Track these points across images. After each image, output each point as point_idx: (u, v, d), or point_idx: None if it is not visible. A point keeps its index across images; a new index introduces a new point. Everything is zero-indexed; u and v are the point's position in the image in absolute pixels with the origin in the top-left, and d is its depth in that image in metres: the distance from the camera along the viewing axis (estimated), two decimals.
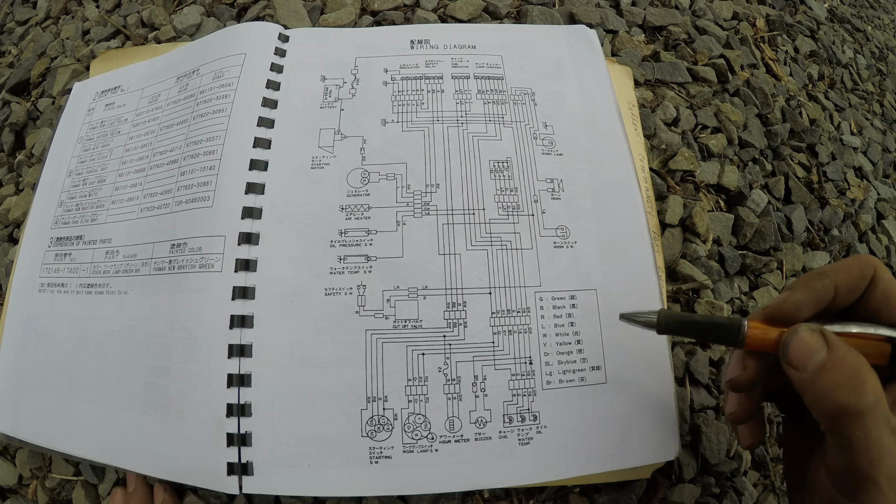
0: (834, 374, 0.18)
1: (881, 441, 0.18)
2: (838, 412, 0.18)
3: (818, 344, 0.19)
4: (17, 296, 0.32)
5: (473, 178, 0.29)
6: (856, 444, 0.18)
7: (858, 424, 0.18)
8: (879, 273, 0.20)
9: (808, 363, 0.19)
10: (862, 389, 0.18)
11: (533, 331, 0.27)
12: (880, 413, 0.18)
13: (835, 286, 0.20)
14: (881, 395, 0.18)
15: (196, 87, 0.32)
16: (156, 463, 0.26)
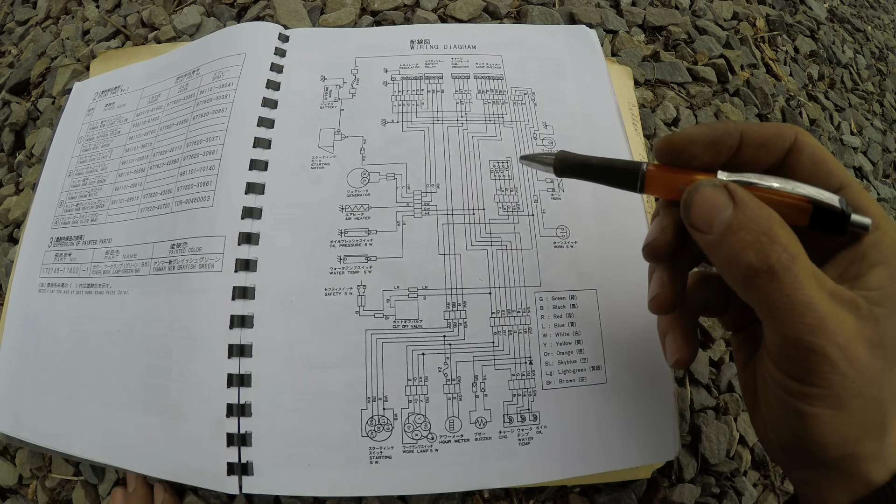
0: (741, 234, 0.16)
1: (813, 304, 0.16)
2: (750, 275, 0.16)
3: (722, 201, 0.17)
4: (17, 296, 0.32)
5: (473, 178, 0.29)
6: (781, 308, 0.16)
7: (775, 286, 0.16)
8: (803, 138, 0.18)
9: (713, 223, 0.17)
10: (772, 247, 0.16)
11: (533, 331, 0.27)
12: (801, 272, 0.16)
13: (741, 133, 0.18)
14: (799, 253, 0.16)
15: (196, 87, 0.32)
16: (156, 463, 0.26)
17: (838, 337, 0.16)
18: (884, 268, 0.17)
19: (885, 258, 0.17)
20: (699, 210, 0.17)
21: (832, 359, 0.16)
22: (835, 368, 0.16)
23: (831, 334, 0.16)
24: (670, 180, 0.19)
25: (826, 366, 0.16)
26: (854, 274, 0.17)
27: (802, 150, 0.18)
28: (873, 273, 0.17)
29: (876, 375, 0.16)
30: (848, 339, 0.16)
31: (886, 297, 0.17)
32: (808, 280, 0.16)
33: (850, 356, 0.16)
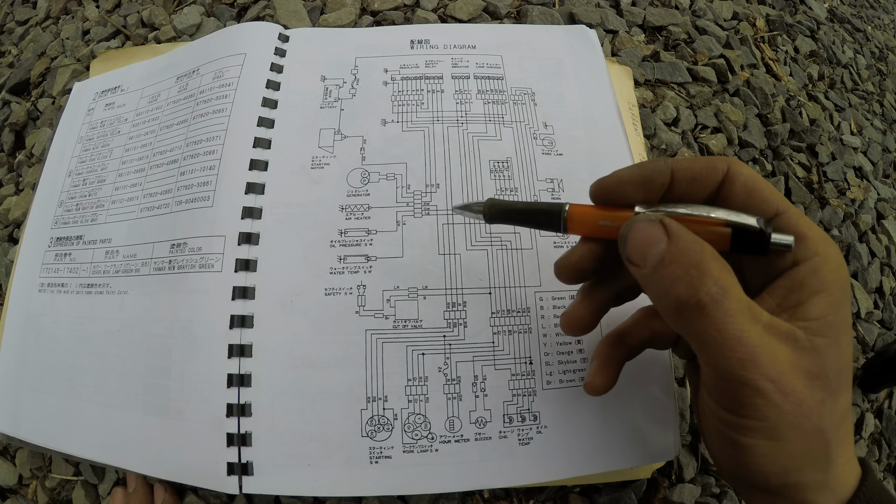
0: (672, 267, 0.16)
1: (744, 337, 0.16)
2: (680, 309, 0.16)
3: (657, 235, 0.17)
4: (17, 296, 0.32)
5: (473, 178, 0.29)
6: (711, 342, 0.16)
7: (705, 319, 0.16)
8: (736, 168, 0.18)
9: (647, 257, 0.17)
10: (702, 280, 0.16)
11: (533, 331, 0.27)
12: (732, 306, 0.16)
13: (672, 170, 0.19)
14: (731, 286, 0.16)
15: (196, 87, 0.32)
16: (156, 463, 0.26)
17: (771, 371, 0.16)
18: (824, 295, 0.17)
19: (825, 285, 0.17)
20: (634, 244, 0.17)
21: (765, 392, 0.16)
22: (768, 401, 0.16)
23: (763, 368, 0.16)
24: (591, 219, 0.20)
25: (759, 399, 0.16)
26: (794, 302, 0.17)
27: (735, 179, 0.18)
28: (813, 302, 0.17)
29: (815, 406, 0.16)
30: (782, 373, 0.16)
31: (827, 326, 0.17)
32: (740, 313, 0.16)
33: (784, 389, 0.16)
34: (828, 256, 0.17)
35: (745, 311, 0.16)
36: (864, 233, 0.41)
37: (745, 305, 0.16)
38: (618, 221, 0.19)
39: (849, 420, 0.18)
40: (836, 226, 0.39)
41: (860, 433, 0.36)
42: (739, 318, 0.16)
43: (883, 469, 0.37)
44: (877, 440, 0.37)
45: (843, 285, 0.17)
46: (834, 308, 0.17)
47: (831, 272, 0.17)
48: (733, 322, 0.16)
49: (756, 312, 0.17)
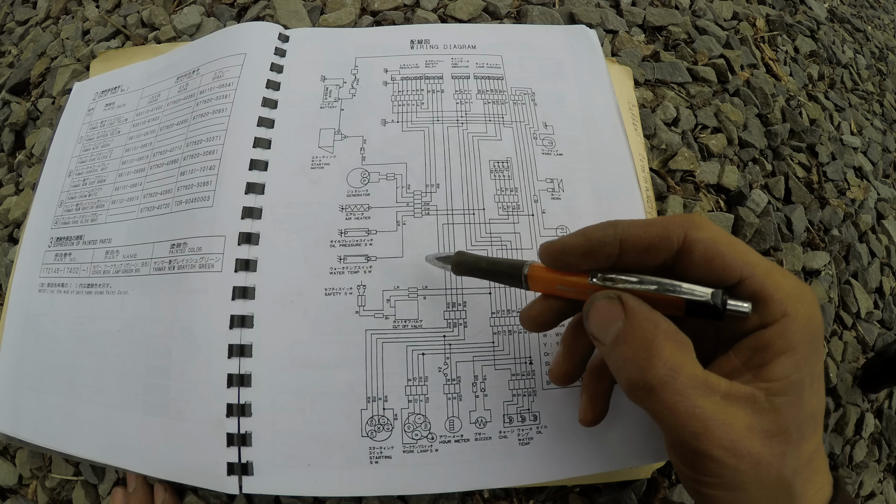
0: (625, 347, 0.17)
1: (696, 413, 0.16)
2: (631, 388, 0.17)
3: (615, 312, 0.17)
4: (17, 296, 0.32)
5: (473, 178, 0.29)
6: (664, 419, 0.17)
7: (655, 399, 0.16)
8: (694, 235, 0.18)
9: (607, 334, 0.17)
10: (650, 363, 0.16)
11: None
12: (683, 384, 0.16)
13: (620, 240, 0.18)
14: (683, 364, 0.17)
15: (196, 87, 0.32)
16: (156, 463, 0.26)
17: (724, 440, 0.16)
18: (789, 356, 0.17)
19: (791, 345, 0.17)
20: (595, 322, 0.18)
21: (719, 459, 0.16)
22: (722, 466, 0.16)
23: (716, 439, 0.16)
24: (548, 283, 0.20)
25: (713, 464, 0.17)
26: (759, 362, 0.17)
27: (693, 248, 0.18)
28: (778, 362, 0.17)
29: (775, 460, 0.17)
30: (736, 439, 0.16)
31: (790, 385, 0.17)
32: (693, 390, 0.16)
33: (739, 453, 0.16)
34: (796, 315, 0.17)
35: (699, 387, 0.17)
36: (864, 233, 0.41)
37: (700, 381, 0.17)
38: (573, 287, 0.20)
39: (818, 455, 0.18)
40: (836, 226, 0.39)
41: (860, 433, 0.36)
42: (692, 395, 0.16)
43: (883, 469, 0.37)
44: (877, 440, 0.37)
45: (812, 339, 0.17)
46: (798, 367, 0.17)
47: (798, 331, 0.17)
48: (684, 400, 0.16)
49: (713, 384, 0.17)
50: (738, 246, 0.18)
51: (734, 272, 0.18)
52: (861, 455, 0.35)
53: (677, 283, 0.18)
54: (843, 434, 0.35)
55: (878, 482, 0.36)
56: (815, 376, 0.18)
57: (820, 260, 0.37)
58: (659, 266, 0.19)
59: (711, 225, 0.18)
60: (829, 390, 0.35)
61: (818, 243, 0.38)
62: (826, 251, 0.37)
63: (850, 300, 0.38)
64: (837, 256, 0.38)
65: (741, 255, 0.18)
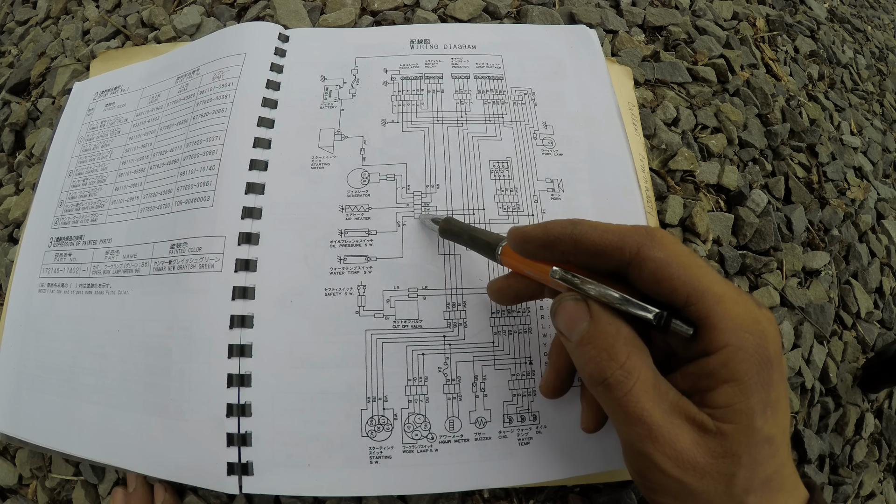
0: (588, 348, 0.18)
1: (645, 416, 0.17)
2: (591, 384, 0.18)
3: (581, 314, 0.19)
4: (17, 296, 0.32)
5: (473, 179, 0.29)
6: (616, 417, 0.18)
7: (609, 396, 0.18)
8: (647, 252, 0.18)
9: (572, 332, 0.19)
10: (608, 364, 0.18)
11: (533, 331, 0.27)
12: (636, 388, 0.17)
13: (574, 241, 0.19)
14: (636, 368, 0.17)
15: (196, 87, 0.32)
16: (156, 463, 0.26)
17: (668, 448, 0.17)
18: (733, 385, 0.17)
19: (735, 376, 0.17)
20: (562, 320, 0.19)
21: (662, 468, 0.17)
22: (666, 475, 0.17)
23: (661, 446, 0.17)
24: (517, 262, 0.22)
25: (657, 472, 0.17)
26: (703, 388, 0.18)
27: (643, 266, 0.18)
28: (721, 390, 0.17)
29: (723, 477, 0.17)
30: (682, 450, 0.17)
31: (735, 413, 0.17)
32: (644, 394, 0.17)
33: (683, 464, 0.17)
34: (741, 345, 0.17)
35: (649, 391, 0.17)
36: (864, 233, 0.41)
37: (650, 386, 0.18)
38: (536, 272, 0.21)
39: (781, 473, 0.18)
40: (836, 226, 0.39)
41: (860, 433, 0.36)
42: (642, 398, 0.17)
43: (883, 469, 0.37)
44: (877, 440, 0.37)
45: (761, 370, 0.17)
46: (744, 396, 0.17)
47: (742, 361, 0.17)
48: (634, 402, 0.17)
49: (663, 391, 0.18)
50: (692, 269, 0.18)
51: (680, 296, 0.18)
52: (861, 455, 0.35)
53: (628, 297, 0.18)
54: (843, 434, 0.35)
55: (878, 482, 0.36)
56: (768, 404, 0.17)
57: (820, 260, 0.37)
58: (613, 270, 0.19)
59: (670, 243, 0.18)
60: (829, 390, 0.35)
61: (818, 243, 0.38)
62: (826, 251, 0.37)
63: (850, 300, 0.38)
64: (837, 256, 0.38)
65: (692, 280, 0.18)
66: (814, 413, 0.34)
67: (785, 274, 0.35)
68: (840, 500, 0.34)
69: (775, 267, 0.35)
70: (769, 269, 0.34)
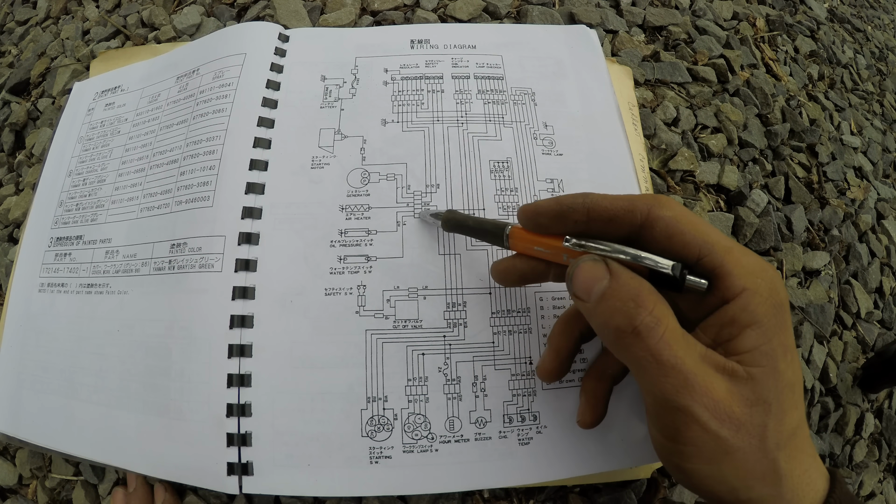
0: (612, 301, 0.18)
1: (678, 364, 0.17)
2: (619, 336, 0.18)
3: (600, 273, 0.18)
4: (17, 296, 0.32)
5: (473, 178, 0.29)
6: (647, 368, 0.17)
7: (640, 345, 0.17)
8: (657, 212, 0.19)
9: (591, 292, 0.18)
10: (637, 311, 0.17)
11: (533, 331, 0.27)
12: (667, 334, 0.17)
13: (588, 209, 0.20)
14: (664, 316, 0.17)
15: (196, 86, 0.32)
16: (156, 463, 0.26)
17: (705, 397, 0.17)
18: (755, 328, 0.18)
19: (755, 318, 0.18)
20: (580, 281, 0.19)
21: (700, 419, 0.17)
22: (704, 428, 0.17)
23: (698, 395, 0.17)
24: (527, 241, 0.22)
25: (695, 425, 0.17)
26: (726, 337, 0.18)
27: (654, 225, 0.19)
28: (744, 335, 0.18)
29: (756, 429, 0.17)
30: (718, 399, 0.17)
31: (761, 355, 0.17)
32: (675, 342, 0.17)
33: (720, 415, 0.17)
34: (756, 290, 0.18)
35: (679, 339, 0.17)
36: (864, 233, 0.41)
37: (680, 335, 0.17)
38: (549, 248, 0.21)
39: (801, 433, 0.18)
40: (836, 226, 0.39)
41: (860, 433, 0.36)
42: (674, 346, 0.17)
43: (883, 469, 0.37)
44: (877, 440, 0.37)
45: (777, 312, 0.18)
46: (766, 338, 0.17)
47: (760, 304, 0.18)
48: (668, 349, 0.17)
49: (691, 342, 0.17)
50: (700, 225, 0.19)
51: (693, 249, 0.18)
52: (861, 455, 0.35)
53: (643, 254, 0.19)
54: (843, 434, 0.35)
55: (878, 482, 0.36)
56: (786, 347, 0.18)
57: (820, 260, 0.37)
58: (624, 237, 0.20)
59: (676, 205, 0.19)
60: (829, 390, 0.35)
61: (818, 243, 0.38)
62: (826, 251, 0.37)
63: (850, 300, 0.38)
64: (837, 256, 0.38)
65: (701, 234, 0.18)
66: (814, 413, 0.34)
67: (785, 274, 0.35)
68: None
69: (775, 267, 0.35)
70: None
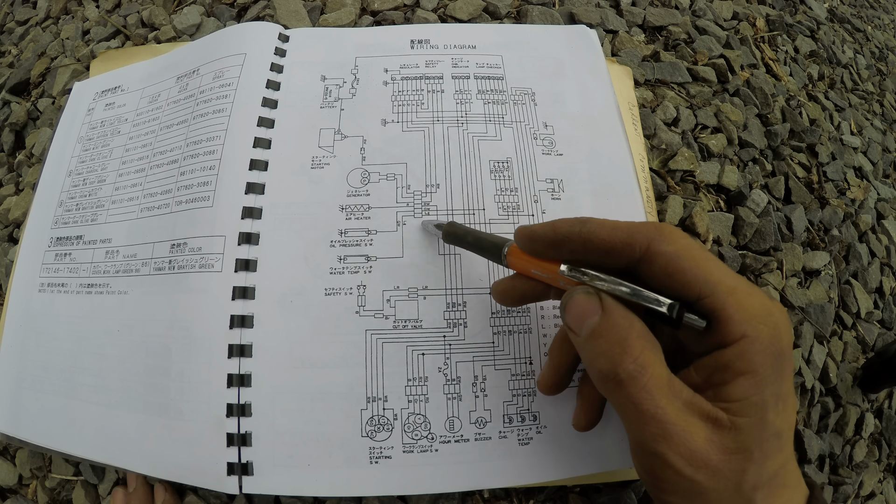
0: (601, 341, 0.18)
1: (658, 414, 0.17)
2: (602, 380, 0.18)
3: (593, 307, 0.18)
4: (17, 296, 0.32)
5: (473, 179, 0.29)
6: (627, 415, 0.17)
7: (623, 392, 0.17)
8: (657, 247, 0.18)
9: (582, 327, 0.18)
10: (622, 358, 0.17)
11: (533, 331, 0.27)
12: (650, 383, 0.17)
13: (584, 239, 0.19)
14: (649, 364, 0.17)
15: (196, 87, 0.32)
16: (156, 463, 0.26)
17: (682, 447, 0.17)
18: (749, 377, 0.17)
19: (751, 367, 0.17)
20: (572, 314, 0.19)
21: (675, 466, 0.17)
22: (679, 474, 0.17)
23: (675, 445, 0.17)
24: (525, 262, 0.22)
25: (669, 471, 0.17)
26: (719, 381, 0.18)
27: (654, 260, 0.18)
28: (737, 383, 0.17)
29: (734, 475, 0.17)
30: (695, 449, 0.17)
31: (749, 406, 0.17)
32: (657, 390, 0.17)
33: (696, 463, 0.17)
34: (757, 337, 0.17)
35: (663, 388, 0.17)
36: (864, 233, 0.41)
37: (664, 382, 0.17)
38: (544, 272, 0.21)
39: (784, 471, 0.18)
40: (836, 226, 0.39)
41: (860, 433, 0.36)
42: (656, 395, 0.17)
43: (883, 469, 0.37)
44: (877, 440, 0.37)
45: (776, 361, 0.17)
46: (759, 388, 0.17)
47: (758, 353, 0.17)
48: (649, 398, 0.17)
49: (676, 389, 0.17)
50: (703, 262, 0.18)
51: (694, 289, 0.18)
52: (861, 455, 0.35)
53: (641, 291, 0.18)
54: (843, 434, 0.35)
55: (878, 482, 0.36)
56: (780, 396, 0.17)
57: (820, 260, 0.37)
58: (622, 268, 0.19)
59: (679, 237, 0.18)
60: (829, 390, 0.35)
61: (818, 243, 0.38)
62: (826, 251, 0.37)
63: (850, 300, 0.38)
64: (837, 256, 0.38)
65: (703, 273, 0.18)
66: (814, 413, 0.34)
67: (785, 274, 0.35)
68: (840, 500, 0.34)
69: (775, 267, 0.35)
70: (769, 269, 0.34)
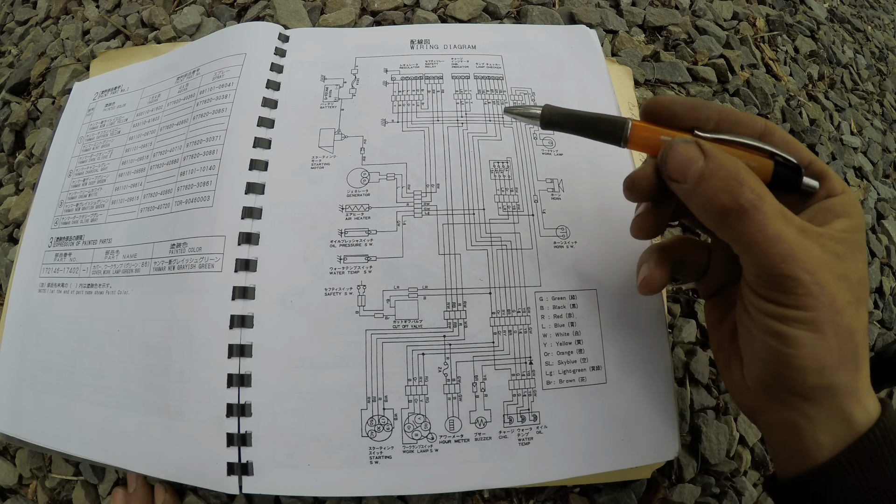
0: (712, 181, 0.18)
1: (782, 236, 0.18)
2: (724, 215, 0.18)
3: (695, 154, 0.19)
4: (17, 296, 0.31)
5: (473, 178, 0.29)
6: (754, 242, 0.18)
7: (747, 222, 0.18)
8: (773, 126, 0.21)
9: (688, 174, 0.19)
10: (740, 189, 0.18)
11: (533, 331, 0.27)
12: (769, 209, 0.18)
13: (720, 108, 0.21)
14: (766, 193, 0.18)
15: (196, 87, 0.32)
16: (156, 463, 0.26)
17: (807, 264, 0.18)
18: (847, 219, 0.19)
19: (848, 213, 0.20)
20: (674, 163, 0.19)
21: (804, 282, 0.18)
22: (807, 290, 0.18)
23: (800, 262, 0.18)
24: (652, 134, 0.21)
25: (799, 288, 0.18)
26: (820, 222, 0.19)
27: (773, 132, 0.21)
28: (837, 222, 0.19)
29: (845, 306, 0.18)
30: (816, 267, 0.18)
31: (847, 241, 0.19)
32: (776, 216, 0.18)
33: (819, 281, 0.18)
34: (850, 195, 0.20)
35: (779, 214, 0.18)
36: (864, 233, 0.41)
37: (779, 210, 0.18)
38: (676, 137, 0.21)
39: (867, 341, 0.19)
40: None
41: None
42: (776, 220, 0.18)
43: None
44: None
45: (861, 216, 0.20)
46: (854, 229, 0.19)
47: (852, 205, 0.20)
48: (771, 222, 0.18)
49: (788, 216, 0.18)
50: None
51: (805, 155, 0.21)
52: None
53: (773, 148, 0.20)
54: None
55: None
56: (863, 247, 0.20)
57: None
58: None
59: None
60: None
61: None
62: None
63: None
64: None
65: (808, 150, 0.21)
66: None
67: None
68: None
69: None
70: None
